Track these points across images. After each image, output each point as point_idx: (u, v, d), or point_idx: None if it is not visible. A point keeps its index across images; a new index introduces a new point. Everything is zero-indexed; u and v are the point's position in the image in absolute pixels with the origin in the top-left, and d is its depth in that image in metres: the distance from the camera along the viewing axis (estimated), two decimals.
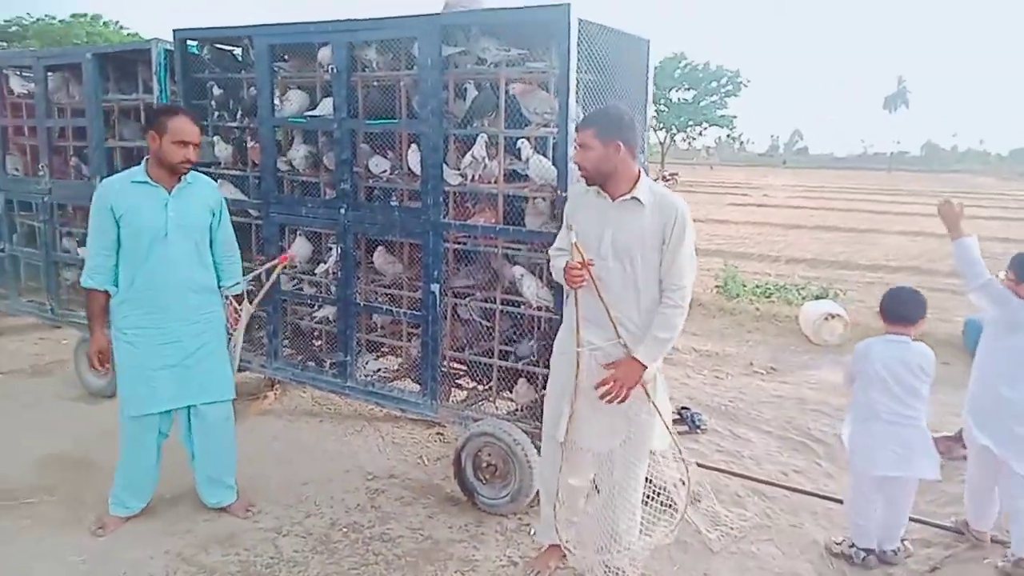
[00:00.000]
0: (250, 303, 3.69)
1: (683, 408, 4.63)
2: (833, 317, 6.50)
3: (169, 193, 3.05)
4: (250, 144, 4.35)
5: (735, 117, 38.99)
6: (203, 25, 4.39)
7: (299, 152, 4.21)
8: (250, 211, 4.48)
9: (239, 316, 3.57)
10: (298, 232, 4.30)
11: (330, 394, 4.61)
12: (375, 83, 3.93)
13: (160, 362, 3.11)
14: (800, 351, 6.46)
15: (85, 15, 31.87)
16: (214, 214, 3.26)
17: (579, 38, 3.16)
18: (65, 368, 5.48)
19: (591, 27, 3.25)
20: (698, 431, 4.46)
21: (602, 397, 2.65)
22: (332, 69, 3.79)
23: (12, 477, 3.72)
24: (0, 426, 4.40)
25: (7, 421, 4.49)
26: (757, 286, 8.33)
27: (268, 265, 3.91)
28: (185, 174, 3.09)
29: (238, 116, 4.38)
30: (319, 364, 4.37)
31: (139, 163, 3.12)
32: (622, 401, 2.65)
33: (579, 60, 3.20)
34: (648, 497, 2.88)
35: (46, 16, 31.10)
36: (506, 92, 3.44)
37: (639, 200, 2.63)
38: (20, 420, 4.51)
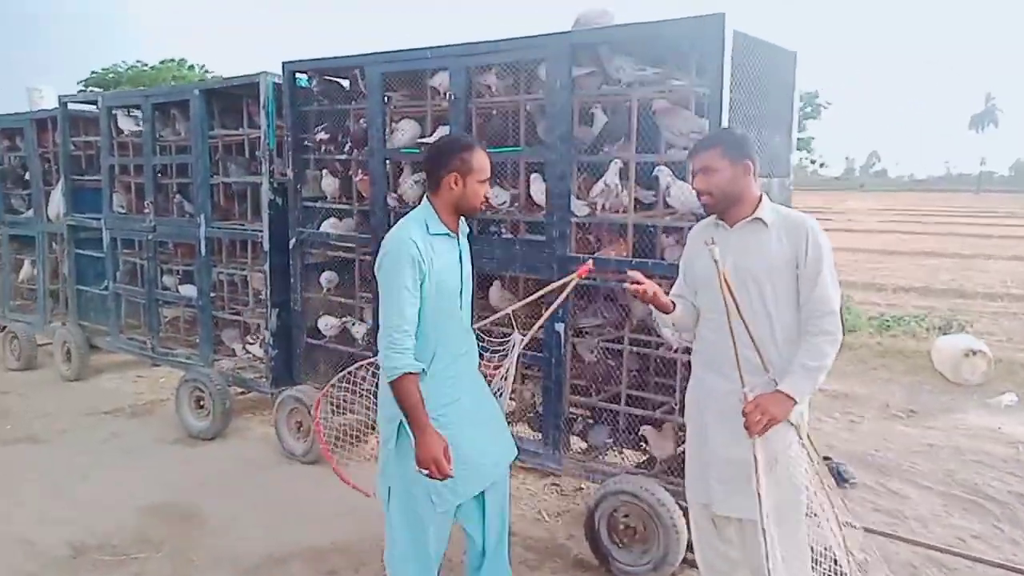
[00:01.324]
0: (521, 332, 2.97)
1: (825, 458, 4.16)
2: (975, 353, 5.88)
3: (459, 242, 2.52)
4: (357, 177, 4.17)
5: (813, 139, 37.74)
6: (311, 57, 4.26)
7: (409, 184, 4.01)
8: (356, 246, 4.33)
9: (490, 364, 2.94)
10: None
11: None
12: (493, 109, 3.69)
13: (468, 434, 2.48)
14: (938, 391, 5.85)
15: (172, 60, 33.41)
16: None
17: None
18: (165, 408, 5.40)
19: (742, 39, 2.93)
20: (846, 485, 3.99)
21: (746, 428, 2.25)
22: (449, 95, 3.58)
23: (117, 529, 3.56)
24: (102, 472, 4.28)
25: (109, 466, 4.37)
26: (872, 318, 7.73)
27: (562, 281, 2.87)
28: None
29: (346, 148, 4.21)
30: None
31: (240, 201, 2.70)
32: (760, 433, 2.24)
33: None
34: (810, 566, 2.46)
35: (138, 62, 32.74)
36: (638, 115, 3.15)
37: (762, 220, 2.32)
38: (122, 465, 4.39)
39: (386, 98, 3.92)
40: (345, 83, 4.41)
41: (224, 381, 4.82)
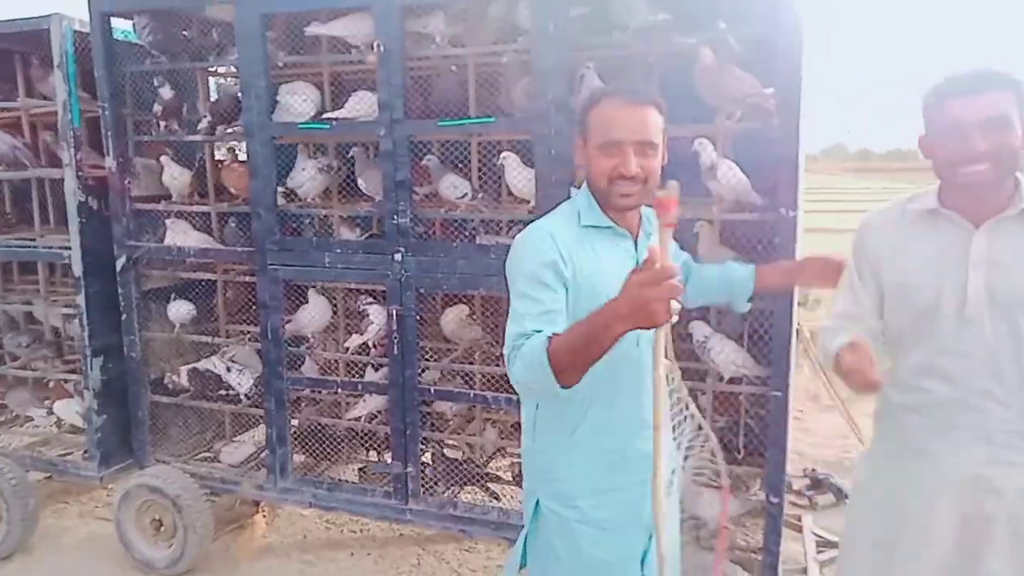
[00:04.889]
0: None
1: (812, 471, 3.73)
2: None
3: (635, 245, 1.64)
4: (226, 164, 2.95)
5: None
6: None
7: (309, 173, 2.88)
8: (218, 263, 3.12)
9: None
10: (311, 290, 2.96)
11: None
12: (447, 67, 2.69)
13: (633, 549, 1.64)
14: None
15: None
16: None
17: None
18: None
19: None
20: (847, 500, 3.56)
21: None
22: (377, 47, 2.52)
23: None
24: None
25: None
26: None
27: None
28: (629, 207, 1.57)
29: (200, 126, 2.96)
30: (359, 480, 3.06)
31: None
32: None
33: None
34: None
35: None
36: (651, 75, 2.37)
37: None
38: None
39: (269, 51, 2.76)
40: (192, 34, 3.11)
41: (20, 468, 3.32)
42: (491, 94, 2.66)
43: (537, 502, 1.63)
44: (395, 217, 2.61)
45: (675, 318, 1.25)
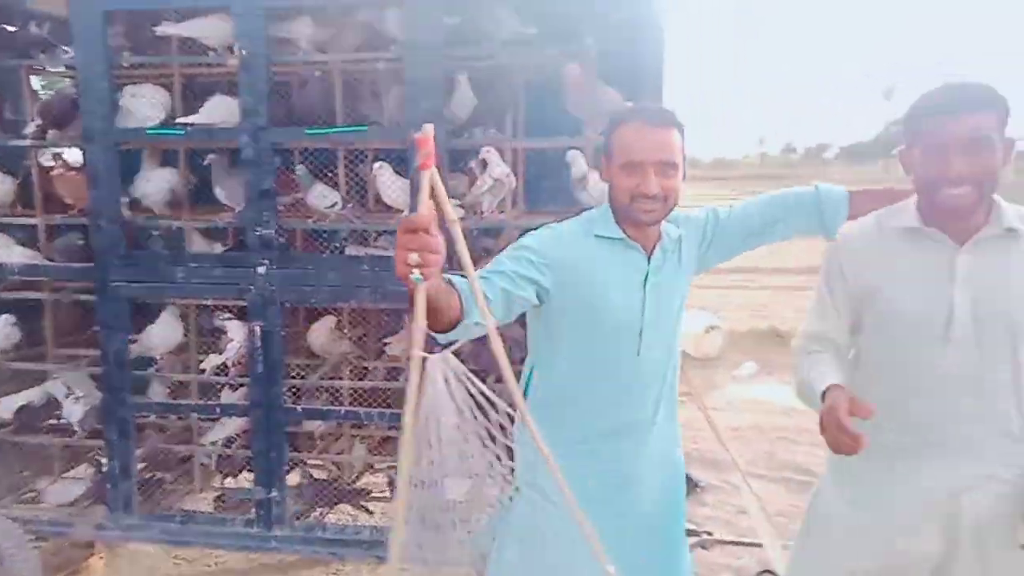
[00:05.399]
0: None
1: None
2: (713, 328, 6.37)
3: (648, 261, 1.66)
4: (58, 172, 2.67)
5: None
6: None
7: (157, 182, 2.67)
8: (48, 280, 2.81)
9: None
10: (169, 307, 2.74)
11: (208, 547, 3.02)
12: (313, 73, 2.60)
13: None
14: (689, 368, 6.17)
15: None
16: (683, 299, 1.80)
17: None
18: None
19: None
20: (698, 489, 3.82)
21: None
22: (239, 50, 2.40)
23: None
24: None
25: None
26: None
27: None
28: (649, 223, 1.62)
29: (28, 130, 2.66)
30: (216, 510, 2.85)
31: None
32: None
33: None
34: None
35: None
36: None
37: (1016, 231, 1.49)
38: None
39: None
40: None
41: None
42: (358, 101, 2.62)
43: (516, 487, 1.63)
44: (258, 228, 2.49)
45: (416, 275, 1.11)
